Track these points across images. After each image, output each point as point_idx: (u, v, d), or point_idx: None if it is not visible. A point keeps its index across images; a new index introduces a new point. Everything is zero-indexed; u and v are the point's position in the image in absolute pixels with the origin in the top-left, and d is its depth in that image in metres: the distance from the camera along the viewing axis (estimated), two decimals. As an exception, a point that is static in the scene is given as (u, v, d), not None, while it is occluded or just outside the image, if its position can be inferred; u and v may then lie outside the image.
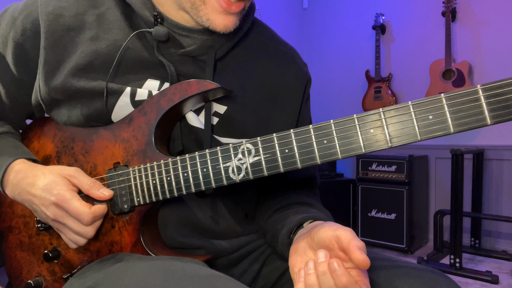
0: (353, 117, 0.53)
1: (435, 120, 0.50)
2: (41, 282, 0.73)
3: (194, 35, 0.72)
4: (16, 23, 0.71)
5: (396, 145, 0.52)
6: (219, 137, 0.71)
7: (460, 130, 0.49)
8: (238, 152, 0.59)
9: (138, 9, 0.70)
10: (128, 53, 0.68)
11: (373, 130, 0.52)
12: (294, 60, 0.83)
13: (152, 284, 0.49)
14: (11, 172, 0.68)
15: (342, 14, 3.58)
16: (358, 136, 0.53)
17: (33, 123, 0.79)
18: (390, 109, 0.52)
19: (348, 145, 0.53)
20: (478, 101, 0.48)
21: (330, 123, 0.54)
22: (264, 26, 0.84)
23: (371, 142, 0.53)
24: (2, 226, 0.78)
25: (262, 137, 0.58)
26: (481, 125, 0.48)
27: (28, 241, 0.74)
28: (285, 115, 0.78)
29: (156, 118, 0.65)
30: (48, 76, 0.69)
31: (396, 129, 0.52)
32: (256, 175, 0.58)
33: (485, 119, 0.48)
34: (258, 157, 0.58)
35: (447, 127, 0.49)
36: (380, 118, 0.52)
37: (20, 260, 0.76)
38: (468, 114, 0.48)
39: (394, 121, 0.52)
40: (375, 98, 3.21)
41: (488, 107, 0.48)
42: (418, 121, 0.51)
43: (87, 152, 0.70)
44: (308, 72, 0.85)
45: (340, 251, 0.51)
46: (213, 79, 0.69)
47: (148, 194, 0.64)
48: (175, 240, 0.70)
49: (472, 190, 2.77)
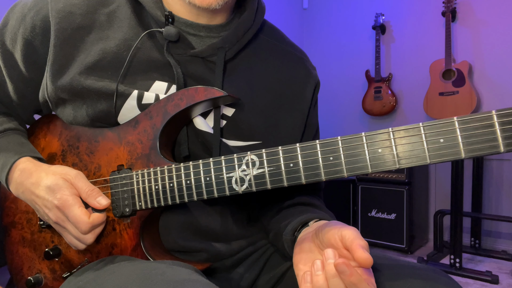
0: (361, 135, 0.52)
1: (446, 144, 0.48)
2: (41, 279, 0.73)
3: (202, 33, 0.71)
4: (26, 20, 0.70)
5: (404, 167, 0.51)
6: (226, 140, 0.70)
7: (472, 156, 0.48)
8: (242, 163, 0.58)
9: (150, 8, 0.69)
10: (138, 53, 0.68)
11: (381, 149, 0.51)
12: (304, 63, 0.82)
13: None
14: (16, 170, 0.68)
15: (342, 14, 3.57)
16: (365, 155, 0.52)
17: (40, 120, 0.79)
18: (400, 129, 0.50)
19: (354, 164, 0.52)
20: (492, 127, 0.46)
21: (337, 139, 0.53)
22: (274, 28, 0.83)
23: (378, 162, 0.51)
24: (5, 221, 0.79)
25: (267, 149, 0.57)
26: (494, 152, 0.47)
27: (30, 238, 0.75)
28: (293, 118, 0.77)
29: (162, 122, 0.65)
30: (55, 75, 0.68)
31: (405, 151, 0.50)
32: (259, 188, 0.57)
33: (498, 146, 0.46)
34: (262, 169, 0.57)
35: (458, 152, 0.48)
36: (389, 138, 0.51)
37: (21, 256, 0.76)
38: (481, 140, 0.47)
39: (404, 142, 0.50)
40: (375, 98, 3.21)
41: (502, 134, 0.46)
42: (428, 143, 0.49)
43: (91, 152, 0.69)
44: (317, 75, 0.84)
45: (344, 249, 0.51)
46: (222, 80, 0.69)
47: (150, 199, 0.64)
48: (177, 244, 0.70)
49: (472, 190, 2.77)
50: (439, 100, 2.82)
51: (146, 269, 0.53)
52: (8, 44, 0.73)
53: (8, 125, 0.76)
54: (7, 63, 0.73)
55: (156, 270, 0.53)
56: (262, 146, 0.70)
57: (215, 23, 0.72)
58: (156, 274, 0.52)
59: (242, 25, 0.72)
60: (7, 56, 0.73)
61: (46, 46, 0.69)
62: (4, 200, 0.79)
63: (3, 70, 0.74)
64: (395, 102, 3.16)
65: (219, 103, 0.67)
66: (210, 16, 0.71)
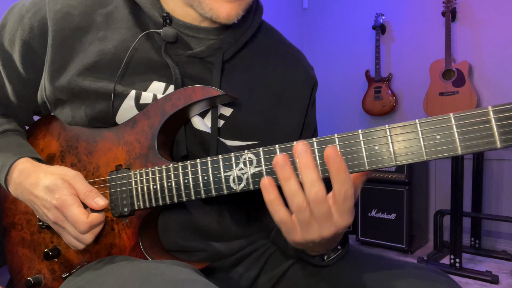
0: (358, 132, 0.52)
1: (443, 140, 0.48)
2: (40, 280, 0.73)
3: (201, 35, 0.71)
4: (24, 21, 0.70)
5: (401, 164, 0.51)
6: (224, 140, 0.70)
7: (468, 152, 0.48)
8: (240, 161, 0.58)
9: (147, 10, 0.69)
10: (135, 54, 0.68)
11: (378, 147, 0.51)
12: (302, 62, 0.83)
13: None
14: (15, 171, 0.68)
15: (342, 14, 3.57)
16: (362, 152, 0.52)
17: (40, 121, 0.79)
18: (397, 126, 0.50)
19: (351, 161, 0.52)
20: (489, 123, 0.46)
21: (334, 137, 0.53)
22: (271, 28, 0.83)
23: (375, 159, 0.51)
24: (5, 222, 0.79)
25: (264, 147, 0.57)
26: (490, 148, 0.47)
27: (29, 238, 0.75)
28: (291, 118, 0.77)
29: (160, 122, 0.65)
30: (53, 76, 0.68)
31: (402, 147, 0.50)
32: (257, 186, 0.57)
33: (495, 142, 0.46)
34: (260, 167, 0.57)
35: (455, 148, 0.48)
36: (385, 135, 0.51)
37: (21, 256, 0.76)
38: (477, 136, 0.47)
39: (400, 139, 0.50)
40: (375, 98, 3.21)
41: (498, 129, 0.46)
42: (425, 140, 0.49)
43: (90, 153, 0.70)
44: (314, 75, 0.84)
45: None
46: (220, 81, 0.69)
47: (149, 198, 0.64)
48: (176, 243, 0.70)
49: (472, 190, 2.77)
50: (439, 100, 2.82)
51: (145, 269, 0.53)
52: (7, 46, 0.73)
53: (7, 126, 0.76)
54: (6, 64, 0.74)
55: (155, 270, 0.53)
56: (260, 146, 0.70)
57: (215, 26, 0.72)
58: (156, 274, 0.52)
59: (240, 26, 0.72)
60: (6, 57, 0.73)
61: (44, 47, 0.69)
62: (4, 201, 0.80)
63: (2, 72, 0.74)
64: (395, 102, 3.17)
65: (217, 103, 0.68)
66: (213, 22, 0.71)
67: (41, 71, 0.71)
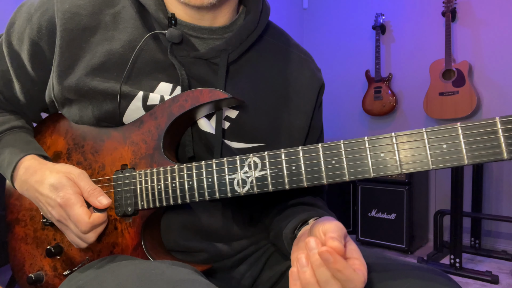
0: (364, 139, 0.52)
1: (449, 150, 0.48)
2: (42, 277, 0.74)
3: (204, 35, 0.71)
4: (32, 20, 0.70)
5: (407, 172, 0.51)
6: (230, 142, 0.70)
7: (474, 162, 0.48)
8: (245, 165, 0.58)
9: (152, 11, 0.68)
10: (142, 54, 0.68)
11: (383, 154, 0.51)
12: (309, 64, 0.82)
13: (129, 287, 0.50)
14: (21, 168, 0.69)
15: (342, 14, 3.57)
16: (367, 159, 0.52)
17: (47, 119, 0.80)
18: (403, 134, 0.50)
19: (356, 168, 0.52)
20: (496, 134, 0.46)
21: (340, 143, 0.53)
22: (278, 30, 0.82)
23: (380, 167, 0.51)
24: (9, 218, 0.80)
25: (270, 151, 0.57)
26: (497, 159, 0.47)
27: (33, 235, 0.76)
28: (297, 120, 0.77)
29: (167, 123, 0.65)
30: (61, 75, 0.68)
31: (408, 156, 0.50)
32: (261, 190, 0.57)
33: (502, 153, 0.46)
34: (264, 171, 0.57)
35: (461, 158, 0.48)
36: (391, 143, 0.51)
37: (24, 252, 0.77)
38: (484, 146, 0.47)
39: (406, 147, 0.50)
40: (375, 98, 3.21)
41: (505, 141, 0.46)
42: (431, 149, 0.49)
43: (96, 151, 0.70)
44: (321, 77, 0.84)
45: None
46: (225, 82, 0.69)
47: (153, 199, 0.64)
48: (178, 244, 0.70)
49: (472, 190, 2.77)
50: (439, 100, 2.82)
51: (146, 269, 0.54)
52: (15, 45, 0.73)
53: (15, 123, 0.77)
54: (14, 63, 0.74)
55: (156, 270, 0.53)
56: (266, 148, 0.70)
57: (217, 25, 0.72)
58: (156, 274, 0.52)
59: (246, 27, 0.72)
60: (14, 56, 0.73)
61: (52, 46, 0.69)
62: (9, 197, 0.80)
63: (11, 70, 0.75)
64: (395, 102, 3.17)
65: (223, 106, 0.67)
66: (211, 18, 0.71)
67: (49, 71, 0.71)
